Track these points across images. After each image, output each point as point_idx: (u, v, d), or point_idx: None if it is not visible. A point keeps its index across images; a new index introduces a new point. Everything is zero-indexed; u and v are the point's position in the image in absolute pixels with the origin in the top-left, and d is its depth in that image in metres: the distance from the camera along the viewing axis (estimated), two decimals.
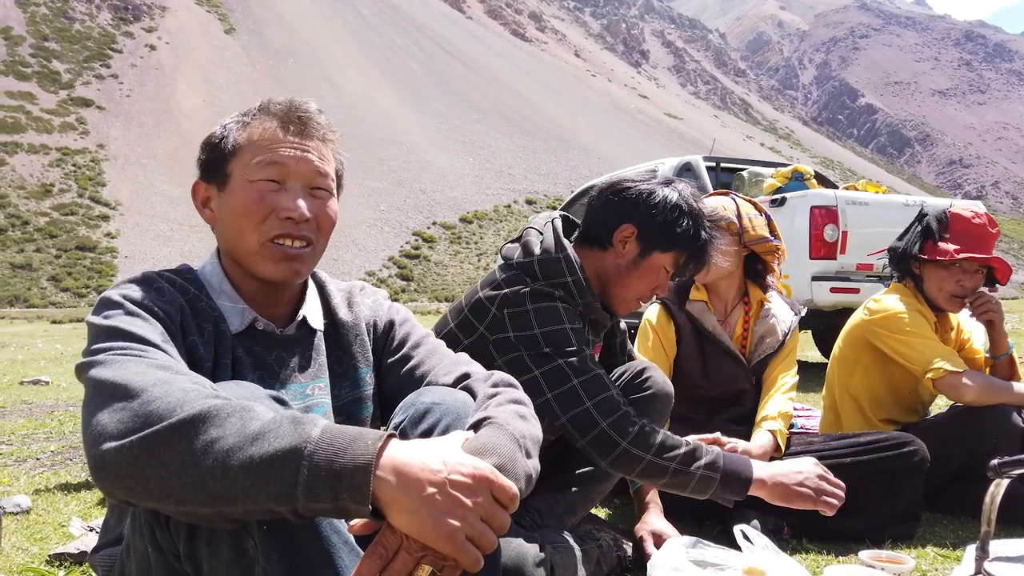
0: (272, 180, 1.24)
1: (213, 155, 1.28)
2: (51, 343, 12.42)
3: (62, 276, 48.93)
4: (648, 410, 1.85)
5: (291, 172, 1.25)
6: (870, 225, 5.56)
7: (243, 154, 1.25)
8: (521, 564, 1.50)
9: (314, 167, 1.26)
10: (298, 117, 1.27)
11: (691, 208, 1.78)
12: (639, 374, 1.90)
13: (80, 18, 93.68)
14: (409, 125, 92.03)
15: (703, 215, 1.80)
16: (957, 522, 2.30)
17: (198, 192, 1.32)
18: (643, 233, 1.76)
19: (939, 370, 2.30)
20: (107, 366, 0.98)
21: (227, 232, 1.27)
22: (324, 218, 1.28)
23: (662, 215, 1.75)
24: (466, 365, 1.34)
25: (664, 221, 1.75)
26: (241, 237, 1.25)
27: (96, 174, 63.55)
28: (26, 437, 3.88)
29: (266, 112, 1.27)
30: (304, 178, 1.26)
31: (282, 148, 1.25)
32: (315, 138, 1.28)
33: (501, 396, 1.17)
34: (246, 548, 0.94)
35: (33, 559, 1.99)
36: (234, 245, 1.27)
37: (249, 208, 1.23)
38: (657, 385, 1.89)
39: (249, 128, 1.27)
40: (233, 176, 1.26)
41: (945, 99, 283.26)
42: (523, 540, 1.58)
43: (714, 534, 2.13)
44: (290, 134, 1.26)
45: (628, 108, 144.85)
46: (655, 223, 1.75)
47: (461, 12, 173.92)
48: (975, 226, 2.41)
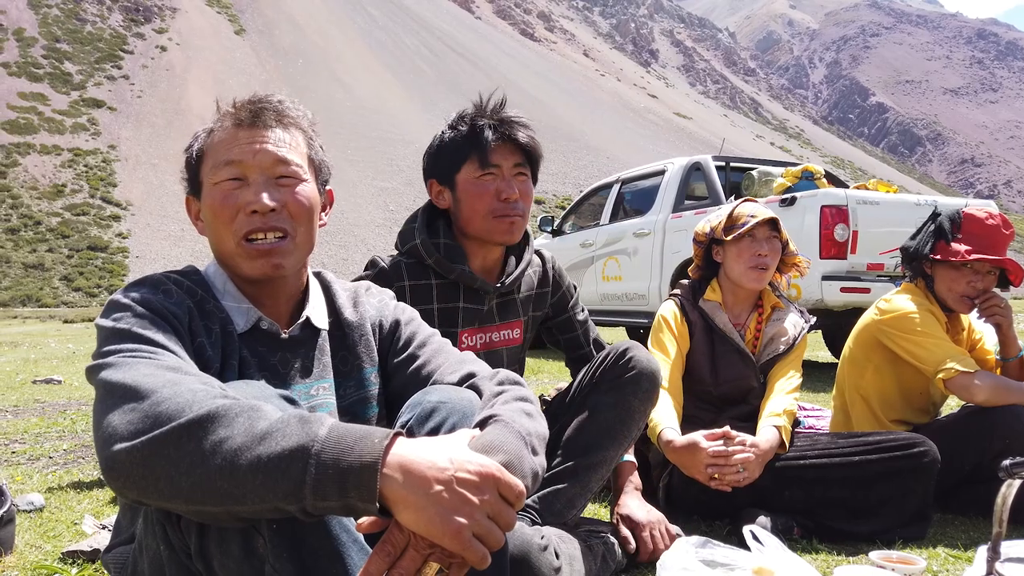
0: (234, 179, 1.25)
1: (188, 167, 1.31)
2: (63, 343, 12.50)
3: (74, 276, 49.22)
4: (635, 390, 1.85)
5: (249, 166, 1.25)
6: (881, 225, 5.54)
7: (207, 159, 1.28)
8: (527, 550, 1.49)
9: (273, 156, 1.25)
10: (250, 110, 1.26)
11: (455, 123, 1.91)
12: (622, 355, 1.89)
13: (92, 19, 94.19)
14: (418, 125, 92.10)
15: (462, 119, 1.90)
16: (969, 523, 2.29)
17: (190, 207, 1.34)
18: (439, 175, 1.93)
19: (950, 370, 2.28)
20: (117, 368, 0.99)
21: (211, 238, 1.29)
22: (294, 204, 1.27)
23: (435, 150, 1.94)
24: (471, 364, 1.34)
25: (439, 152, 1.93)
26: (220, 241, 1.27)
27: (107, 174, 63.90)
28: (39, 436, 3.91)
29: (225, 114, 1.28)
30: (264, 169, 1.25)
31: (238, 144, 1.25)
32: (271, 126, 1.27)
33: (507, 394, 1.17)
34: (256, 546, 0.95)
35: (46, 556, 2.00)
36: (218, 250, 1.29)
37: (216, 210, 1.25)
38: (641, 364, 1.87)
39: (212, 134, 1.28)
40: (204, 183, 1.28)
41: (957, 98, 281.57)
42: (526, 527, 1.58)
43: (723, 534, 2.13)
44: (243, 128, 1.26)
45: (637, 108, 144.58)
46: (436, 160, 1.94)
47: (470, 12, 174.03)
48: (988, 227, 2.39)
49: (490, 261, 1.98)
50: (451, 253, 1.90)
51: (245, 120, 1.26)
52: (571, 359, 2.24)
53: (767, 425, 2.21)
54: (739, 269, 2.38)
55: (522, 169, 1.89)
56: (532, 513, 1.77)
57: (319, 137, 1.38)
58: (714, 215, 2.49)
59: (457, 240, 1.93)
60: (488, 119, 1.87)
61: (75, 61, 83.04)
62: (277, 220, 1.24)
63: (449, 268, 1.89)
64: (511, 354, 2.06)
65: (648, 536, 1.90)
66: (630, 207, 7.97)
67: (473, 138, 1.86)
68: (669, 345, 2.37)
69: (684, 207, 7.00)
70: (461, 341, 1.93)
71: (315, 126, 1.36)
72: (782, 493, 2.16)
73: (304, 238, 1.29)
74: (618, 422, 1.85)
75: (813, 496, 2.15)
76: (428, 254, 1.89)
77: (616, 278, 7.76)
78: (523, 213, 1.89)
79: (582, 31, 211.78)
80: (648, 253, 7.22)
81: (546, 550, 1.53)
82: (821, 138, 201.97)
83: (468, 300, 1.93)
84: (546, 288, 2.12)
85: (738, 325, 2.44)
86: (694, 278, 2.54)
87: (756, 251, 2.35)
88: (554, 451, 1.85)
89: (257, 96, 1.29)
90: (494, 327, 2.00)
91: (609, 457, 1.85)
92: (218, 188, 1.25)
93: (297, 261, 1.30)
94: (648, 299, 7.17)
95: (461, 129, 1.89)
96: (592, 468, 1.83)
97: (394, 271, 1.89)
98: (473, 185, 1.87)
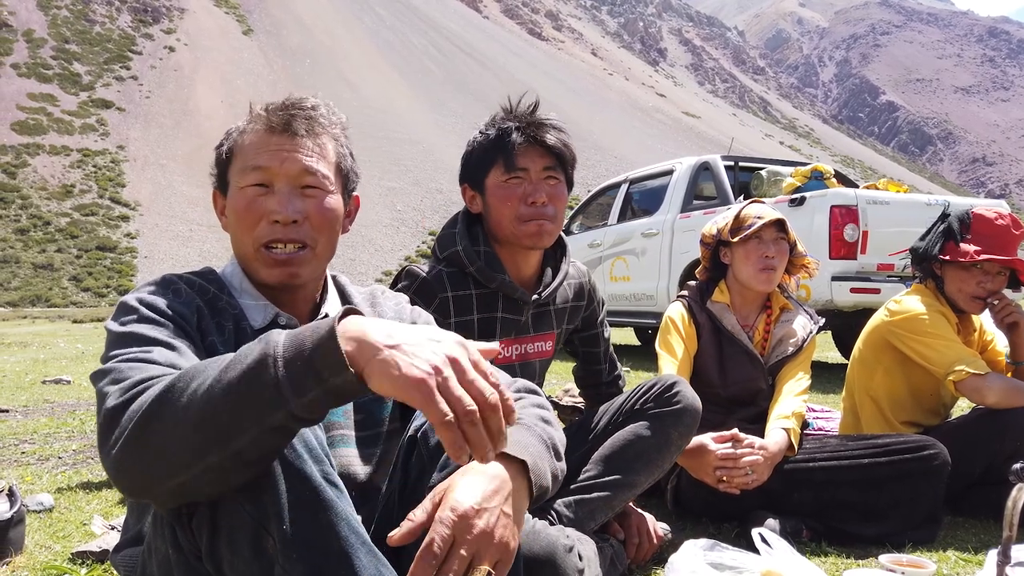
0: (260, 184, 1.25)
1: (218, 163, 1.32)
2: (72, 343, 12.56)
3: (83, 276, 49.52)
4: (677, 423, 1.87)
5: (277, 174, 1.25)
6: (891, 225, 5.51)
7: (236, 160, 1.28)
8: (552, 552, 1.50)
9: (302, 166, 1.25)
10: (281, 116, 1.26)
11: (484, 127, 1.90)
12: (669, 388, 1.90)
13: (100, 20, 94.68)
14: (426, 125, 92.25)
15: (491, 124, 1.89)
16: (979, 526, 2.27)
17: (216, 201, 1.35)
18: (470, 179, 1.93)
19: (961, 372, 2.27)
20: (115, 375, 1.01)
21: (232, 238, 1.30)
22: (317, 216, 1.27)
23: (466, 159, 1.93)
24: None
25: (468, 156, 1.92)
26: (240, 242, 1.28)
27: (116, 175, 64.26)
28: (48, 436, 3.92)
29: (257, 116, 1.27)
30: (291, 178, 1.25)
31: (267, 150, 1.25)
32: (301, 135, 1.26)
33: (525, 400, 1.18)
34: (266, 547, 0.95)
35: (56, 557, 2.01)
36: (237, 250, 1.30)
37: (240, 214, 1.25)
38: (686, 400, 1.89)
39: (243, 134, 1.28)
40: (231, 183, 1.29)
41: (968, 96, 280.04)
42: (550, 527, 1.58)
43: (732, 536, 2.13)
44: (275, 135, 1.25)
45: (646, 107, 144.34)
46: (466, 164, 1.93)
47: (478, 11, 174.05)
48: (998, 227, 2.38)
49: (527, 270, 1.95)
50: (491, 261, 1.87)
51: (277, 126, 1.25)
52: (584, 371, 2.27)
53: (776, 427, 2.20)
54: (747, 271, 2.36)
55: (552, 172, 1.84)
56: (552, 515, 1.78)
57: (350, 143, 1.37)
58: (720, 217, 2.48)
59: (493, 248, 1.90)
60: (516, 122, 1.84)
61: (84, 62, 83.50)
62: (297, 232, 1.25)
63: (490, 277, 1.86)
64: (543, 366, 2.06)
65: (635, 534, 1.92)
66: (638, 207, 7.95)
67: (500, 141, 1.83)
68: (677, 347, 2.36)
69: (692, 207, 6.98)
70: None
71: (347, 131, 1.36)
72: (791, 495, 2.15)
73: (324, 248, 1.30)
74: (655, 450, 1.86)
75: (822, 498, 2.14)
76: (470, 261, 1.86)
77: (624, 278, 7.74)
78: (552, 217, 1.84)
79: (590, 30, 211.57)
80: (656, 253, 7.21)
81: (571, 551, 1.53)
82: (831, 137, 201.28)
83: (506, 310, 1.91)
84: (581, 302, 2.12)
85: (746, 327, 2.43)
86: (701, 280, 2.53)
87: (763, 253, 2.34)
88: (583, 464, 1.87)
89: (291, 100, 1.28)
90: (529, 338, 1.99)
91: (639, 482, 1.86)
92: (243, 192, 1.25)
93: (315, 270, 1.31)
94: (656, 299, 7.15)
95: (490, 133, 1.86)
96: (620, 487, 1.84)
97: (437, 281, 1.85)
98: (500, 189, 1.84)
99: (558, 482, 1.03)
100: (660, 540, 1.94)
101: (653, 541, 1.93)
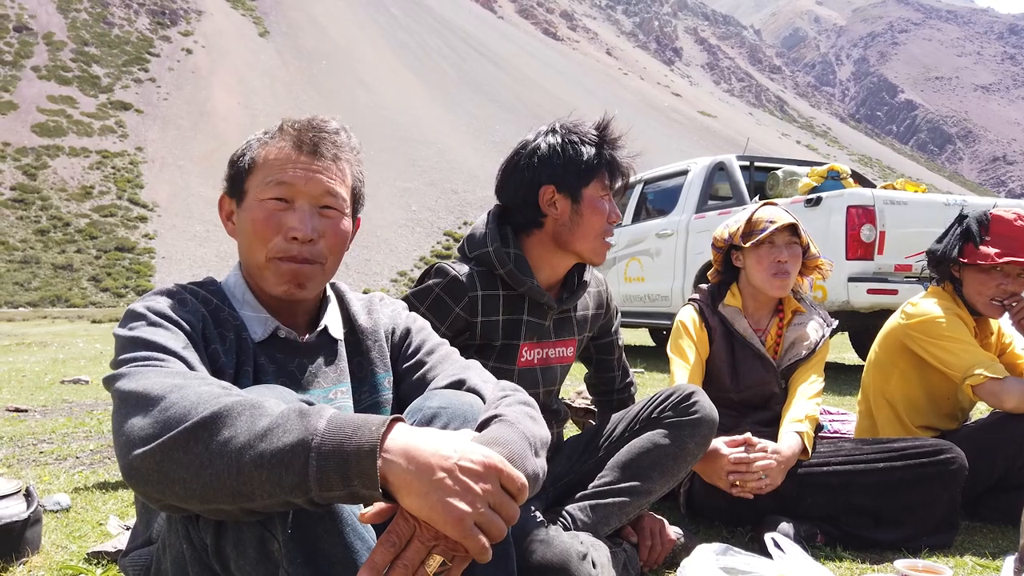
0: (281, 199, 1.27)
1: (234, 171, 1.33)
2: (91, 343, 12.68)
3: (102, 276, 50.01)
4: (694, 433, 1.88)
5: (299, 191, 1.27)
6: (909, 225, 5.46)
7: (258, 172, 1.30)
8: (566, 559, 1.50)
9: (324, 187, 1.29)
10: (311, 137, 1.29)
11: (579, 136, 1.84)
12: (687, 397, 1.91)
13: (119, 23, 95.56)
14: (440, 125, 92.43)
15: (587, 135, 1.85)
16: (997, 531, 2.24)
17: (223, 205, 1.37)
18: (560, 183, 1.83)
19: (979, 377, 2.24)
20: (130, 378, 1.03)
21: (241, 246, 1.32)
22: (332, 237, 1.30)
23: (561, 158, 1.82)
24: (476, 371, 1.36)
25: (567, 161, 1.82)
26: (252, 253, 1.29)
27: (134, 176, 64.86)
28: (66, 436, 3.96)
29: (283, 131, 1.30)
30: (313, 197, 1.28)
31: (292, 168, 1.27)
32: (327, 158, 1.30)
33: (510, 398, 1.19)
34: (271, 551, 0.97)
35: (72, 557, 2.03)
36: (246, 259, 1.32)
37: (258, 226, 1.27)
38: (704, 410, 1.90)
39: (267, 147, 1.30)
40: (248, 193, 1.30)
41: (988, 94, 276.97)
42: (564, 534, 1.58)
43: (745, 541, 2.11)
44: (303, 154, 1.28)
45: (661, 106, 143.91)
46: (561, 168, 1.82)
47: (492, 12, 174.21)
48: (1017, 228, 2.34)
49: (555, 277, 1.95)
50: (521, 265, 1.86)
51: (306, 147, 1.28)
52: (597, 378, 2.27)
53: (789, 431, 2.18)
54: (760, 276, 2.34)
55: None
56: (567, 519, 1.79)
57: (362, 165, 1.41)
58: (732, 220, 2.45)
59: (522, 251, 1.89)
60: (610, 143, 1.87)
61: (103, 64, 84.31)
62: (312, 251, 1.28)
63: (519, 280, 1.85)
64: (563, 372, 2.07)
65: (648, 536, 1.92)
66: (653, 207, 7.94)
67: (604, 156, 1.85)
68: (688, 351, 2.35)
69: (707, 207, 6.96)
70: (521, 354, 1.91)
71: (360, 155, 1.39)
72: (805, 500, 2.13)
73: (332, 266, 1.34)
74: (671, 459, 1.86)
75: (837, 503, 2.12)
76: (501, 263, 1.85)
77: (639, 279, 7.73)
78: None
79: (605, 30, 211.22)
80: (671, 254, 7.18)
81: (585, 558, 1.54)
82: (848, 136, 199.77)
83: (531, 314, 1.92)
84: (600, 310, 2.13)
85: (759, 330, 2.41)
86: (713, 282, 2.51)
87: (776, 257, 2.31)
88: (598, 470, 1.89)
89: (317, 123, 1.31)
90: (551, 343, 1.99)
91: (655, 489, 1.86)
92: (263, 205, 1.27)
93: (319, 286, 1.34)
94: (671, 300, 7.13)
95: (588, 144, 1.84)
96: (636, 494, 1.84)
97: (469, 281, 1.84)
98: (598, 203, 1.85)
99: (539, 482, 1.04)
100: (673, 544, 1.94)
101: (666, 545, 1.93)
